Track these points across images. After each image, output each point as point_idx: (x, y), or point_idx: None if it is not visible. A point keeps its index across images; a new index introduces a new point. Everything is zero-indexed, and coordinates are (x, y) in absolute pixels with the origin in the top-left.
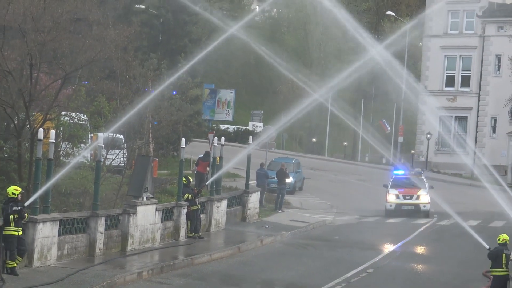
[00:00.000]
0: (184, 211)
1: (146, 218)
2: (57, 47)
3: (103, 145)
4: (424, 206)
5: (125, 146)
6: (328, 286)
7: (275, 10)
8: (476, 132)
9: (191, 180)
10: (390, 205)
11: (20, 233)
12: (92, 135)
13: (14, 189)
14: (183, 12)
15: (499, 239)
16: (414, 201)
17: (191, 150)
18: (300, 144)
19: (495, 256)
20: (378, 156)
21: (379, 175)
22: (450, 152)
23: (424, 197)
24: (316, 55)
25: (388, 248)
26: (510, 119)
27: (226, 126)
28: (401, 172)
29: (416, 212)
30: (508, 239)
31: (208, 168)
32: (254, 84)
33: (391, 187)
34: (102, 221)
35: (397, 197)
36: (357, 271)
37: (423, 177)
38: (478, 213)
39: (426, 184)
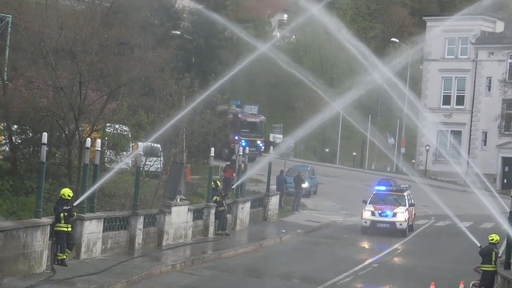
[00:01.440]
0: (212, 211)
1: (179, 217)
2: (103, 67)
3: (142, 153)
4: (401, 225)
5: (161, 154)
6: (339, 278)
7: (294, 37)
8: (469, 144)
9: (219, 184)
10: (365, 222)
11: (70, 229)
12: (133, 144)
13: (69, 192)
14: (213, 38)
15: (491, 239)
16: (390, 218)
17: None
18: (314, 153)
19: (486, 253)
20: (383, 165)
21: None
22: (446, 162)
23: (401, 215)
24: (329, 76)
25: (390, 246)
26: (499, 133)
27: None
28: (382, 187)
29: (392, 230)
30: (498, 239)
31: (234, 174)
32: (275, 100)
33: (369, 202)
34: (141, 219)
35: (372, 213)
36: (364, 266)
37: (405, 194)
38: (470, 215)
39: (407, 202)
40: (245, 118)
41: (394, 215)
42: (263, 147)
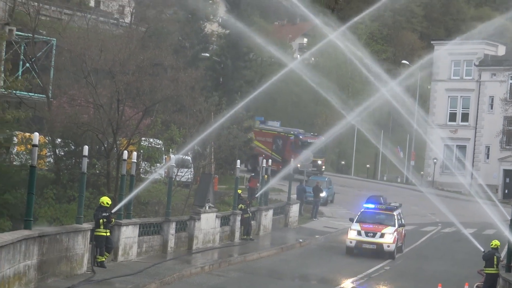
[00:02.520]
0: (238, 218)
1: (208, 223)
2: (139, 86)
3: (174, 165)
4: (388, 246)
5: (192, 165)
6: (353, 279)
7: (312, 59)
8: (473, 158)
9: (239, 193)
10: (350, 242)
11: (108, 234)
12: (166, 156)
13: (108, 200)
14: (240, 60)
15: (492, 244)
16: (376, 239)
17: (245, 169)
18: (331, 165)
19: (488, 257)
20: (394, 176)
21: (395, 191)
22: (452, 173)
23: (388, 236)
24: (345, 95)
25: (401, 250)
26: (500, 148)
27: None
28: (371, 205)
29: (379, 252)
30: (499, 244)
31: (258, 184)
32: (295, 117)
33: (356, 221)
34: (173, 225)
35: (359, 233)
36: (377, 268)
37: (395, 214)
38: (474, 223)
39: (397, 222)
40: (306, 139)
41: (382, 236)
42: (324, 167)
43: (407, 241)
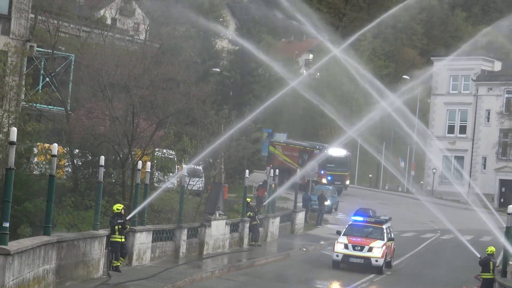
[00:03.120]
0: (247, 225)
1: (218, 230)
2: (153, 99)
3: (186, 174)
4: (376, 261)
5: (203, 175)
6: (356, 284)
7: (318, 74)
8: (471, 168)
9: (248, 201)
10: (337, 255)
11: (123, 239)
12: (178, 166)
13: (118, 206)
14: (248, 75)
15: (488, 250)
16: (364, 253)
17: (253, 179)
18: None
19: (485, 263)
20: (395, 185)
21: (396, 200)
22: (450, 183)
23: (377, 250)
24: (349, 109)
25: (402, 255)
26: (496, 159)
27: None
28: (359, 218)
29: (367, 266)
30: (494, 250)
31: (265, 193)
32: (301, 129)
33: (344, 234)
34: (185, 231)
35: (346, 246)
36: (389, 236)
37: (384, 227)
38: (471, 230)
39: (386, 235)
40: (331, 153)
41: (370, 249)
42: (348, 181)
43: (407, 248)
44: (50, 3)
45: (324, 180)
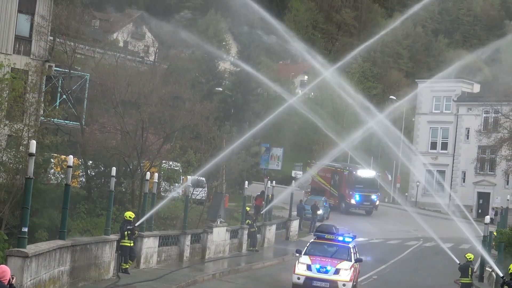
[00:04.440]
0: (245, 232)
1: (219, 236)
2: (161, 116)
3: (190, 185)
4: (344, 285)
5: (206, 185)
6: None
7: (312, 93)
8: (451, 181)
9: (247, 210)
10: (298, 278)
11: (132, 244)
12: (183, 177)
13: (131, 214)
14: (249, 94)
15: (469, 257)
16: (331, 276)
17: (252, 189)
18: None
19: (464, 269)
20: (382, 196)
21: (383, 209)
22: (432, 195)
23: (345, 273)
24: (340, 125)
25: (387, 261)
26: (475, 173)
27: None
28: (322, 235)
29: None
30: (473, 257)
31: (263, 202)
32: (297, 144)
33: (305, 253)
34: (188, 237)
35: (308, 267)
36: (366, 277)
37: (350, 246)
38: (451, 238)
39: (353, 256)
40: (360, 174)
41: (337, 272)
42: (377, 201)
43: (392, 254)
44: (67, 26)
45: (352, 201)
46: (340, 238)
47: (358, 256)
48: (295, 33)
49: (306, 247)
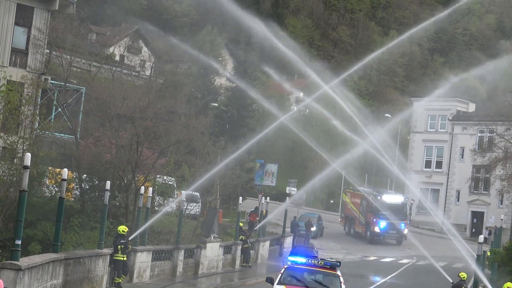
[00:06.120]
0: (239, 247)
1: (212, 251)
2: (156, 130)
3: (184, 199)
4: None
5: (200, 200)
6: None
7: (307, 110)
8: (445, 200)
9: (241, 225)
10: None
11: (125, 258)
12: (177, 192)
13: (124, 228)
14: (244, 109)
15: (463, 276)
16: None
17: (246, 205)
18: (321, 203)
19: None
20: None
21: None
22: (426, 213)
23: None
24: (334, 143)
25: (381, 279)
26: (469, 192)
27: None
28: (301, 259)
29: None
30: (466, 276)
31: (257, 218)
32: (291, 160)
33: (280, 283)
34: (182, 252)
35: None
36: None
37: (338, 273)
38: (445, 256)
39: (343, 286)
40: (385, 200)
41: None
42: (406, 230)
43: (386, 272)
44: (63, 40)
45: (376, 229)
46: (325, 263)
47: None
48: (292, 49)
49: (280, 275)
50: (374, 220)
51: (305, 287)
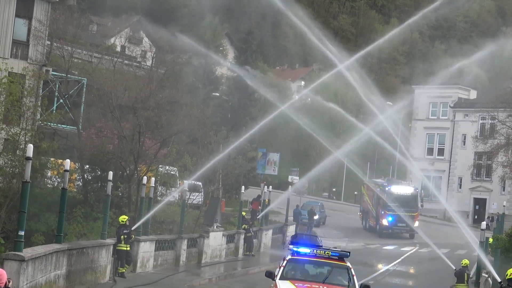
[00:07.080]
0: (242, 236)
1: (215, 240)
2: (158, 120)
3: (187, 189)
4: None
5: (202, 190)
6: None
7: (309, 99)
8: (448, 187)
9: (243, 215)
10: None
11: (128, 248)
12: (179, 182)
13: (122, 218)
14: (245, 99)
15: (462, 263)
16: None
17: (248, 194)
18: (324, 192)
19: (460, 274)
20: None
21: None
22: (429, 200)
23: None
24: (336, 132)
25: (384, 266)
26: (471, 179)
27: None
28: (305, 250)
29: None
30: (468, 263)
31: (259, 207)
32: (293, 149)
33: (283, 278)
34: (185, 242)
35: None
36: (361, 283)
37: (348, 264)
38: (448, 243)
39: (355, 280)
40: (394, 191)
41: None
42: (417, 222)
43: (388, 259)
44: (64, 31)
45: (384, 222)
46: (332, 253)
47: (362, 281)
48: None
49: (281, 268)
50: (383, 212)
51: (314, 282)
